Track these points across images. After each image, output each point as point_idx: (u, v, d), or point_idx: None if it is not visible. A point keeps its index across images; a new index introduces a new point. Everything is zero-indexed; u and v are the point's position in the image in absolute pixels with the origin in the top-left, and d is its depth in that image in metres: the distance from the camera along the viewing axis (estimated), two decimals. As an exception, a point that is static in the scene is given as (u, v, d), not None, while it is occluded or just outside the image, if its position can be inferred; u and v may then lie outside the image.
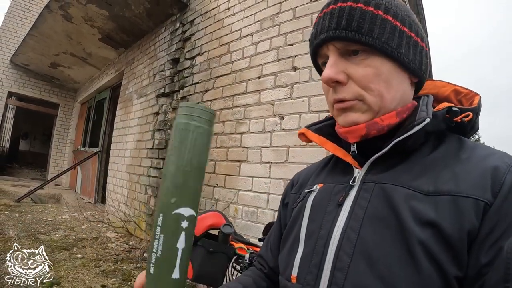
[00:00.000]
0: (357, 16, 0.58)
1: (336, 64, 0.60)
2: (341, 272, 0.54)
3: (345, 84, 0.60)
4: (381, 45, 0.58)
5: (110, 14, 5.43)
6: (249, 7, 3.57)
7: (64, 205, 6.83)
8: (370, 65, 0.59)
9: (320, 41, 0.62)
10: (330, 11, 0.61)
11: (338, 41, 0.60)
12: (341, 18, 0.59)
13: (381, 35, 0.58)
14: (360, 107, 0.61)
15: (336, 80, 0.60)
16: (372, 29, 0.58)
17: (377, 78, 0.59)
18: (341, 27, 0.58)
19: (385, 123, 0.60)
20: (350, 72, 0.60)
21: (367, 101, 0.59)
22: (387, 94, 0.60)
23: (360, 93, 0.59)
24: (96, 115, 8.81)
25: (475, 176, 0.51)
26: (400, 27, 0.60)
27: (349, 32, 0.58)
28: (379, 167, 0.61)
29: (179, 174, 0.36)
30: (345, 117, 0.62)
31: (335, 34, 0.59)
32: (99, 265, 3.55)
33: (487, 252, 0.46)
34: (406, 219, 0.51)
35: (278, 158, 2.79)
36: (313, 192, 0.70)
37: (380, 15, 0.59)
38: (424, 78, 0.66)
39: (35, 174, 12.13)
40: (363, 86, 0.59)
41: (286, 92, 2.89)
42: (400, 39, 0.59)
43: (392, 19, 0.59)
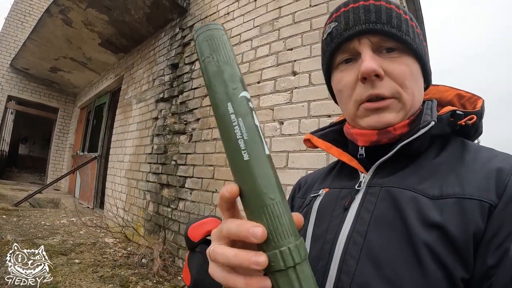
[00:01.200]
0: (394, 15, 0.59)
1: (375, 58, 0.59)
2: (347, 275, 0.53)
3: (382, 80, 0.59)
4: (415, 46, 0.60)
5: (110, 19, 5.44)
6: (249, 12, 3.58)
7: (63, 210, 6.80)
8: (404, 63, 0.59)
9: (355, 32, 0.60)
10: (361, 6, 0.61)
11: (376, 36, 0.59)
12: (380, 13, 0.59)
13: (414, 37, 0.60)
14: (396, 106, 0.60)
15: (378, 73, 0.58)
16: (408, 30, 0.59)
17: (411, 76, 0.60)
18: (382, 21, 0.58)
19: (397, 132, 0.60)
20: (387, 68, 0.59)
21: (403, 98, 0.59)
22: (417, 93, 0.61)
23: (397, 89, 0.59)
24: (95, 119, 8.81)
25: (480, 178, 0.51)
26: (419, 35, 0.62)
27: (391, 27, 0.58)
28: (385, 171, 0.61)
29: (228, 67, 0.37)
30: (379, 118, 0.60)
31: (376, 27, 0.58)
32: (96, 270, 3.52)
33: (494, 254, 0.45)
34: (412, 222, 0.51)
35: (278, 164, 2.77)
36: (319, 196, 0.70)
37: (408, 20, 0.61)
38: (429, 86, 0.68)
39: (34, 179, 12.10)
40: (400, 82, 0.59)
41: (285, 97, 2.88)
42: (422, 45, 0.62)
43: (415, 25, 0.62)
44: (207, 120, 3.76)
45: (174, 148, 4.26)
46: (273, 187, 0.36)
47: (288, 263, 0.34)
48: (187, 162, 3.92)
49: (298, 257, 0.34)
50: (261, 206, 0.35)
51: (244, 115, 0.36)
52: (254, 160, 0.35)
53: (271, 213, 0.35)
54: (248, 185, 0.35)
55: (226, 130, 0.36)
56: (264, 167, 0.35)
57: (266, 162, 0.36)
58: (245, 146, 0.35)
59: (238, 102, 0.36)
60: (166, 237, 3.95)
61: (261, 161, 0.35)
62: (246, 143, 0.35)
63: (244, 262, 0.33)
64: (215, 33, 0.39)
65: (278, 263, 0.34)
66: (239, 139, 0.35)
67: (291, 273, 0.34)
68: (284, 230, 0.35)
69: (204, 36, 0.39)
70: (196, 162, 3.77)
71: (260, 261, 0.33)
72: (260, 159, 0.35)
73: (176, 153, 4.18)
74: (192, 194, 3.72)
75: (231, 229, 0.35)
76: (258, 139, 0.35)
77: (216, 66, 0.37)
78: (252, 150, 0.35)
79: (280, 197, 0.36)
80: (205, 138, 3.71)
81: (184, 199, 3.81)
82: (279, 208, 0.35)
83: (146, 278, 3.44)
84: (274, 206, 0.35)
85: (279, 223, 0.34)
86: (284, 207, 0.36)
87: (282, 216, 0.35)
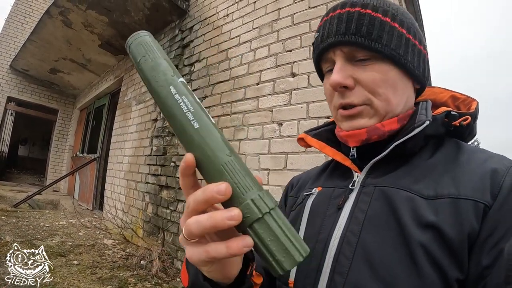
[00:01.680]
0: (366, 22, 0.59)
1: (344, 69, 0.60)
2: (340, 275, 0.53)
3: (353, 89, 0.60)
4: (389, 51, 0.58)
5: (110, 21, 5.45)
6: (248, 13, 3.58)
7: (62, 211, 6.79)
8: (378, 70, 0.59)
9: (327, 45, 0.62)
10: (337, 15, 0.61)
11: (346, 46, 0.60)
12: (350, 23, 0.59)
13: (389, 42, 0.59)
14: (368, 112, 0.61)
15: (344, 85, 0.60)
16: (380, 35, 0.58)
17: (384, 83, 0.59)
18: (351, 32, 0.59)
19: (386, 128, 0.61)
20: (358, 77, 0.60)
21: (375, 105, 0.60)
22: (394, 99, 0.61)
23: (368, 97, 0.60)
24: (95, 121, 8.81)
25: (475, 179, 0.51)
26: (406, 35, 0.61)
27: (359, 37, 0.58)
28: (379, 171, 0.61)
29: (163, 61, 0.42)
30: (351, 123, 0.62)
31: (344, 38, 0.59)
32: (95, 272, 3.51)
33: (488, 255, 0.46)
34: (407, 222, 0.50)
35: (277, 165, 2.77)
36: (312, 195, 0.70)
37: (388, 22, 0.59)
38: (426, 84, 0.68)
39: (34, 180, 12.09)
40: (371, 90, 0.59)
41: (284, 98, 2.88)
42: (406, 47, 0.60)
43: (398, 26, 0.60)
44: (206, 121, 3.76)
45: (173, 150, 4.26)
46: (227, 147, 0.37)
47: (263, 209, 0.35)
48: (186, 164, 3.91)
49: (270, 202, 0.35)
50: (220, 164, 0.36)
51: (187, 94, 0.39)
52: (204, 127, 0.38)
53: (232, 168, 0.36)
54: (204, 150, 0.37)
55: (172, 108, 0.39)
56: (214, 131, 0.38)
57: (215, 128, 0.38)
58: (193, 117, 0.38)
59: (178, 85, 0.40)
60: (165, 238, 3.95)
61: (210, 127, 0.38)
62: (194, 114, 0.38)
63: (219, 220, 0.33)
64: (145, 38, 0.45)
65: (253, 212, 0.34)
66: (187, 112, 0.38)
67: (268, 219, 0.35)
68: (248, 181, 0.36)
69: (136, 42, 0.44)
70: (195, 164, 3.76)
71: (233, 214, 0.33)
72: (209, 126, 0.38)
73: (175, 154, 4.18)
74: (191, 195, 3.71)
75: (197, 198, 0.36)
76: (202, 112, 0.39)
77: (153, 62, 0.42)
78: (200, 119, 0.38)
79: (235, 155, 0.37)
80: (204, 139, 3.71)
81: (183, 200, 3.80)
82: (237, 163, 0.37)
83: (145, 279, 3.44)
84: (233, 161, 0.36)
85: (242, 175, 0.36)
86: (242, 163, 0.37)
87: (242, 170, 0.36)
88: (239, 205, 0.35)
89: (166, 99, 0.40)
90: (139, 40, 0.44)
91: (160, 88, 0.40)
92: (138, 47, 0.44)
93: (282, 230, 0.35)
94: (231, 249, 0.35)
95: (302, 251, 0.35)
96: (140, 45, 0.44)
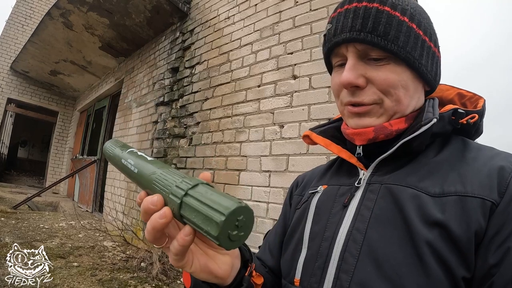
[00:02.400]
0: (384, 20, 0.57)
1: (356, 67, 0.59)
2: (346, 274, 0.53)
3: (364, 88, 0.59)
4: (404, 54, 0.57)
5: (111, 23, 5.46)
6: (249, 16, 3.59)
7: (61, 213, 6.78)
8: (391, 70, 0.58)
9: (340, 40, 0.60)
10: (353, 8, 0.59)
11: (361, 44, 0.58)
12: (367, 19, 0.57)
13: (406, 44, 0.57)
14: (377, 111, 0.60)
15: (355, 84, 0.58)
16: (397, 36, 0.57)
17: (397, 83, 0.58)
18: (367, 29, 0.57)
19: (394, 128, 0.60)
20: (370, 76, 0.58)
21: (385, 105, 0.59)
22: (404, 100, 0.60)
23: (379, 96, 0.59)
24: (95, 123, 8.81)
25: (481, 177, 0.51)
26: (422, 36, 0.59)
27: (375, 36, 0.56)
28: (385, 169, 0.61)
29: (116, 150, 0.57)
30: (359, 121, 0.62)
31: (359, 36, 0.57)
32: (95, 274, 3.50)
33: (495, 253, 0.45)
34: (413, 220, 0.50)
35: (278, 167, 2.78)
36: (317, 193, 0.69)
37: (406, 22, 0.58)
38: (435, 88, 0.67)
39: (33, 182, 12.07)
40: (383, 89, 0.58)
41: (286, 100, 2.89)
42: (422, 49, 0.59)
43: (416, 27, 0.58)
44: (207, 123, 3.77)
45: (174, 152, 4.26)
46: (153, 169, 0.45)
47: (179, 195, 0.38)
48: (187, 166, 3.92)
49: (186, 184, 0.39)
50: (151, 183, 0.43)
51: (130, 157, 0.51)
52: (140, 169, 0.47)
53: (158, 179, 0.42)
54: (141, 182, 0.46)
55: (124, 169, 0.51)
56: (146, 166, 0.46)
57: (148, 163, 0.47)
58: (134, 168, 0.48)
59: (125, 156, 0.52)
60: (165, 240, 3.93)
61: (144, 166, 0.47)
62: (135, 166, 0.48)
63: (154, 222, 0.39)
64: (107, 145, 0.59)
65: (174, 202, 0.38)
66: (131, 167, 0.49)
67: (187, 200, 0.37)
68: (170, 180, 0.41)
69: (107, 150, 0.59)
70: (196, 166, 3.76)
71: (162, 212, 0.39)
72: (143, 166, 0.47)
73: (176, 156, 4.18)
74: (191, 197, 3.70)
75: (141, 211, 0.42)
76: (141, 159, 0.49)
77: (113, 154, 0.56)
78: (137, 167, 0.48)
79: (162, 170, 0.44)
80: (205, 141, 3.71)
81: (184, 202, 3.79)
82: (161, 173, 0.43)
83: (145, 282, 3.42)
84: (159, 175, 0.43)
85: (166, 181, 0.41)
86: (166, 173, 0.43)
87: (168, 175, 0.42)
88: (167, 203, 0.40)
89: (122, 168, 0.52)
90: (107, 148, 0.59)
91: (119, 164, 0.53)
92: (107, 151, 0.58)
93: (201, 202, 0.36)
94: (177, 240, 0.40)
95: (222, 210, 0.34)
96: (107, 149, 0.58)
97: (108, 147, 0.58)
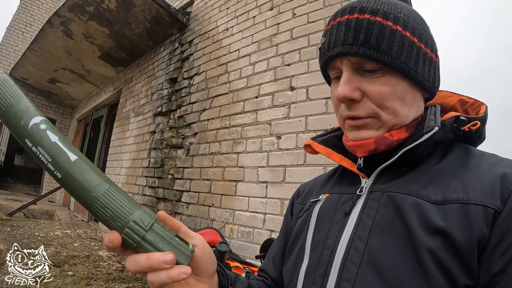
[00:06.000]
0: (376, 31, 0.56)
1: (351, 81, 0.58)
2: (347, 282, 0.52)
3: (360, 101, 0.59)
4: (399, 64, 0.56)
5: (111, 32, 5.50)
6: (247, 28, 3.63)
7: (57, 222, 6.73)
8: (386, 83, 0.57)
9: (334, 54, 0.59)
10: (345, 21, 0.59)
11: (354, 57, 0.57)
12: (359, 32, 0.57)
13: (399, 53, 0.56)
14: (374, 124, 0.60)
15: (351, 98, 0.58)
16: (390, 47, 0.56)
17: (392, 96, 0.58)
18: (359, 42, 0.56)
19: (394, 138, 0.60)
20: (365, 89, 0.58)
21: (382, 118, 0.59)
22: (402, 111, 0.59)
23: (375, 110, 0.58)
24: (92, 132, 8.79)
25: (484, 184, 0.50)
26: (417, 44, 0.58)
27: (367, 49, 0.56)
28: (387, 177, 0.60)
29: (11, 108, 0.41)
30: (358, 134, 0.61)
31: (351, 50, 0.57)
32: (90, 283, 3.47)
33: (498, 261, 0.45)
34: (415, 228, 0.50)
35: (275, 178, 2.78)
36: (319, 202, 0.69)
37: (399, 31, 0.57)
38: (435, 94, 0.66)
39: (29, 190, 11.99)
40: (378, 103, 0.58)
41: (283, 111, 2.90)
42: (417, 57, 0.58)
43: (410, 35, 0.58)
44: (204, 134, 3.77)
45: (171, 162, 4.25)
46: (93, 184, 0.39)
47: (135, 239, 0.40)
48: (184, 176, 3.91)
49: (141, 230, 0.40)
50: (90, 207, 0.39)
51: (39, 142, 0.40)
52: (65, 175, 0.39)
53: (100, 207, 0.39)
54: (75, 196, 0.40)
55: (38, 161, 0.40)
56: (76, 173, 0.39)
57: (76, 168, 0.40)
58: (53, 167, 0.39)
59: (30, 133, 0.40)
60: (161, 251, 3.91)
61: (71, 170, 0.39)
62: (53, 164, 0.39)
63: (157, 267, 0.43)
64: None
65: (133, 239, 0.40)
66: (47, 164, 0.39)
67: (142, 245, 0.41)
68: (119, 213, 0.39)
69: None
70: (193, 176, 3.76)
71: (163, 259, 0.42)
72: (69, 170, 0.39)
73: (173, 167, 4.17)
74: (188, 208, 3.70)
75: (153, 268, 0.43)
76: (60, 153, 0.40)
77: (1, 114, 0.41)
78: (59, 168, 0.39)
79: (102, 188, 0.40)
80: (202, 152, 3.72)
81: (181, 213, 3.78)
82: (105, 199, 0.39)
83: (140, 293, 3.40)
84: (99, 200, 0.39)
85: (111, 211, 0.39)
86: (112, 193, 0.39)
87: (113, 203, 0.39)
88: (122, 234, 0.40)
89: (30, 153, 0.41)
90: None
91: (21, 143, 0.41)
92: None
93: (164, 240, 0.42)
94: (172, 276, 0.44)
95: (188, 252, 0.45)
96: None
97: None
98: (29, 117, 0.40)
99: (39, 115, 0.41)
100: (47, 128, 0.41)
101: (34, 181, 12.96)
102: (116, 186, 0.42)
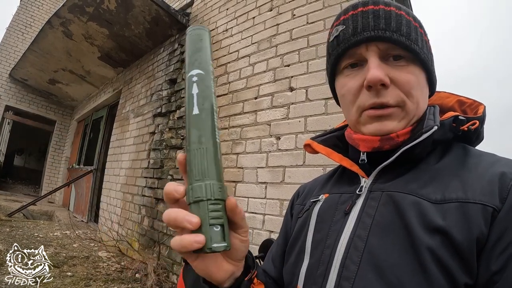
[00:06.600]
0: (404, 22, 0.58)
1: (381, 66, 0.58)
2: (347, 281, 0.53)
3: (388, 88, 0.58)
4: (424, 55, 0.59)
5: (110, 33, 5.50)
6: (247, 29, 3.63)
7: (56, 222, 6.72)
8: (412, 72, 0.59)
9: (363, 38, 0.59)
10: (371, 10, 0.59)
11: (383, 43, 0.58)
12: (389, 20, 0.58)
13: (423, 46, 0.59)
14: (399, 114, 0.59)
15: (384, 82, 0.57)
16: (416, 38, 0.58)
17: (417, 85, 0.59)
18: (391, 29, 0.57)
19: (400, 139, 0.60)
20: (393, 76, 0.58)
21: (407, 107, 0.59)
22: (421, 102, 0.61)
23: (403, 98, 0.58)
24: (92, 133, 8.79)
25: (483, 183, 0.51)
26: (428, 43, 0.62)
27: (400, 35, 0.57)
28: (386, 176, 0.60)
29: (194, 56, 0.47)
30: (381, 125, 0.60)
31: (384, 34, 0.57)
32: (89, 284, 3.46)
33: (498, 259, 0.45)
34: (415, 227, 0.50)
35: (274, 179, 2.78)
36: (319, 202, 0.69)
37: (417, 27, 0.60)
38: (433, 94, 0.68)
39: (29, 190, 11.98)
40: (406, 91, 0.58)
41: (282, 112, 2.90)
42: (431, 54, 0.62)
43: (423, 33, 0.61)
44: (204, 134, 3.76)
45: (170, 163, 4.25)
46: (194, 140, 0.44)
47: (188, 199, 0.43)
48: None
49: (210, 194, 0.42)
50: (187, 152, 0.45)
51: (187, 90, 0.46)
52: (187, 122, 0.45)
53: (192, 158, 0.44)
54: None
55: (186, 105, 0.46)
56: (191, 125, 0.45)
57: (193, 120, 0.45)
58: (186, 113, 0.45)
59: (186, 82, 0.47)
60: (160, 252, 3.91)
61: (189, 120, 0.45)
62: (186, 110, 0.45)
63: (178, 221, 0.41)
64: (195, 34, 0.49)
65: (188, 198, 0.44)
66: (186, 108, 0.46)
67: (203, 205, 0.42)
68: (198, 172, 0.43)
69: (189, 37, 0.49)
70: (192, 177, 3.74)
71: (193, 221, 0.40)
72: (189, 120, 0.45)
73: (173, 167, 4.17)
74: (187, 208, 3.68)
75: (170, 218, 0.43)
76: (190, 104, 0.45)
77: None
78: (187, 116, 0.45)
79: (199, 146, 0.44)
80: (202, 152, 3.71)
81: (180, 213, 3.77)
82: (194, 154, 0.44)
83: (139, 293, 3.39)
84: (191, 153, 0.44)
85: (195, 166, 0.44)
86: (204, 154, 0.44)
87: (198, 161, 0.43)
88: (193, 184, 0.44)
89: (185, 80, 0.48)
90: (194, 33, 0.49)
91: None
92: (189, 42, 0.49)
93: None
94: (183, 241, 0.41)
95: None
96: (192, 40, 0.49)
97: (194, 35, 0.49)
98: (190, 68, 0.47)
99: (197, 69, 0.47)
100: (196, 81, 0.46)
101: (34, 182, 12.97)
102: (215, 153, 0.45)
